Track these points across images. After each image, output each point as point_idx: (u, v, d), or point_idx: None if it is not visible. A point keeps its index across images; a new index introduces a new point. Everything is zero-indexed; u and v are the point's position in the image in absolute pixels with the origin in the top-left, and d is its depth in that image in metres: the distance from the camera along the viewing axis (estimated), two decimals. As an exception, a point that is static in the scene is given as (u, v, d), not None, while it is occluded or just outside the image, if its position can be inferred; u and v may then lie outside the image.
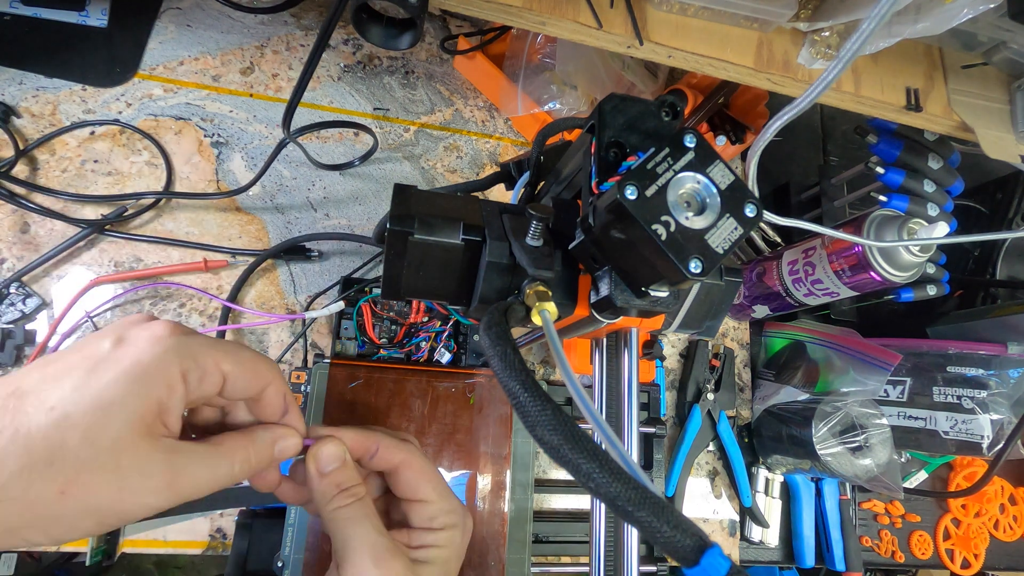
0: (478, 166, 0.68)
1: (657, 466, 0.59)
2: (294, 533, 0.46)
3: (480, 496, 0.52)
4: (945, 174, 0.62)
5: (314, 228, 0.60)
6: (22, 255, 0.52)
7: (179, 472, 0.26)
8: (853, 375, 0.63)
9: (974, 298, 0.75)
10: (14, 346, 0.50)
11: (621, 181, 0.24)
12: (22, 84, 0.56)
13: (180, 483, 0.25)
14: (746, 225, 0.25)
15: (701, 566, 0.19)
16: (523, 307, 0.28)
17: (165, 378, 0.25)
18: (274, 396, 0.31)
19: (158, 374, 0.25)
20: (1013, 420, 0.59)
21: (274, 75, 0.63)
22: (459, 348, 0.57)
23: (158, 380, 0.25)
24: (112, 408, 0.23)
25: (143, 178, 0.57)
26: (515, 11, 0.42)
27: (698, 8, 0.44)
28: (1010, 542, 0.73)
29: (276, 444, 0.31)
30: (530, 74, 0.66)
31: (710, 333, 0.39)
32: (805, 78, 0.47)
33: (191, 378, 0.26)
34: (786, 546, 0.66)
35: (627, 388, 0.33)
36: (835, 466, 0.58)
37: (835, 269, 0.56)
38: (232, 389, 0.29)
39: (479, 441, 0.53)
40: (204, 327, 0.55)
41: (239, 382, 0.29)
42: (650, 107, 0.29)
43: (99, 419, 0.23)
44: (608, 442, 0.21)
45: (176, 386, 0.25)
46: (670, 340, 0.68)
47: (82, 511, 0.23)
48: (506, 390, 0.22)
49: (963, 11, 0.39)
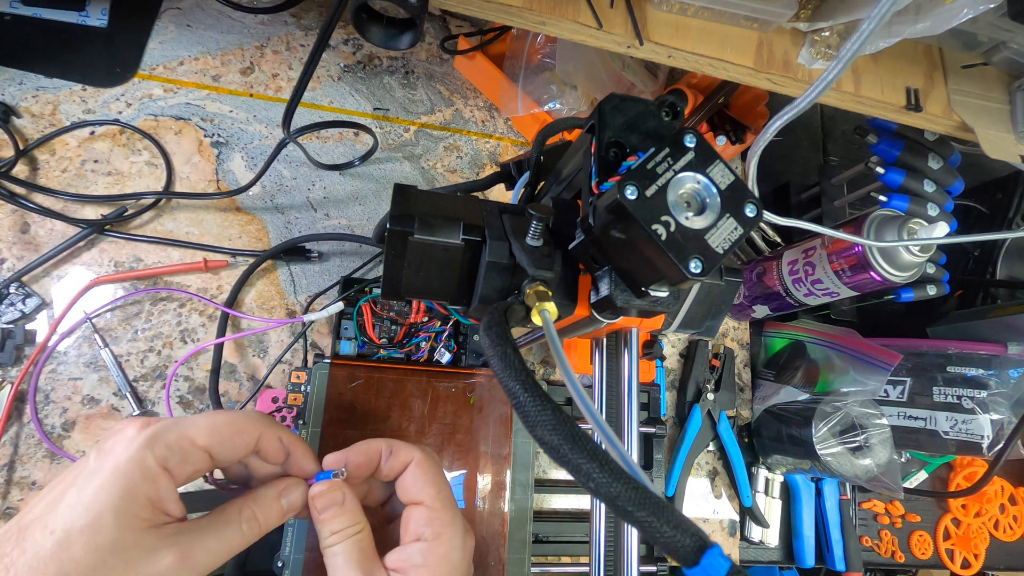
0: (478, 166, 0.68)
1: (657, 466, 0.59)
2: (294, 533, 0.46)
3: (480, 496, 0.52)
4: (945, 174, 0.62)
5: (314, 228, 0.60)
6: (22, 255, 0.52)
7: (189, 548, 0.27)
8: (853, 375, 0.63)
9: (974, 298, 0.75)
10: (14, 346, 0.50)
11: (621, 181, 0.24)
12: (22, 84, 0.56)
13: (194, 557, 0.27)
14: (746, 225, 0.25)
15: (701, 566, 0.19)
16: (523, 307, 0.28)
17: (144, 473, 0.27)
18: (270, 444, 0.32)
19: (136, 471, 0.26)
20: (1013, 420, 0.59)
21: (274, 75, 0.63)
22: (459, 348, 0.57)
23: (137, 477, 0.26)
24: (104, 515, 0.25)
25: (143, 178, 0.57)
26: (515, 11, 0.42)
27: (698, 8, 0.44)
28: (1010, 542, 0.73)
29: (281, 499, 0.32)
30: (530, 74, 0.66)
31: (710, 333, 0.39)
32: (805, 78, 0.47)
33: (171, 464, 0.28)
34: (786, 546, 0.66)
35: (627, 388, 0.33)
36: (835, 466, 0.58)
37: (835, 269, 0.56)
38: (222, 456, 0.30)
39: (479, 441, 0.53)
40: (204, 327, 0.55)
41: (224, 449, 0.30)
42: (650, 107, 0.29)
43: (96, 528, 0.25)
44: (608, 442, 0.21)
45: (158, 477, 0.27)
46: (670, 340, 0.68)
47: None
48: (506, 390, 0.22)
49: (963, 11, 0.39)
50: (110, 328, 0.53)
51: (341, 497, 0.33)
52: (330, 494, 0.33)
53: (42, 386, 0.50)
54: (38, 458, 0.49)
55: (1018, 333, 0.62)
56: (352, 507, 0.33)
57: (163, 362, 0.53)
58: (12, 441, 0.49)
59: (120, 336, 0.53)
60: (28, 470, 0.48)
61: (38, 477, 0.49)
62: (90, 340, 0.52)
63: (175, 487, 0.28)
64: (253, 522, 0.30)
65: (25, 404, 0.49)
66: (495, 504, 0.52)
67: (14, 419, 0.49)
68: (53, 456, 0.49)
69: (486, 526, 0.51)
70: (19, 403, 0.49)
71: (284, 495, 0.32)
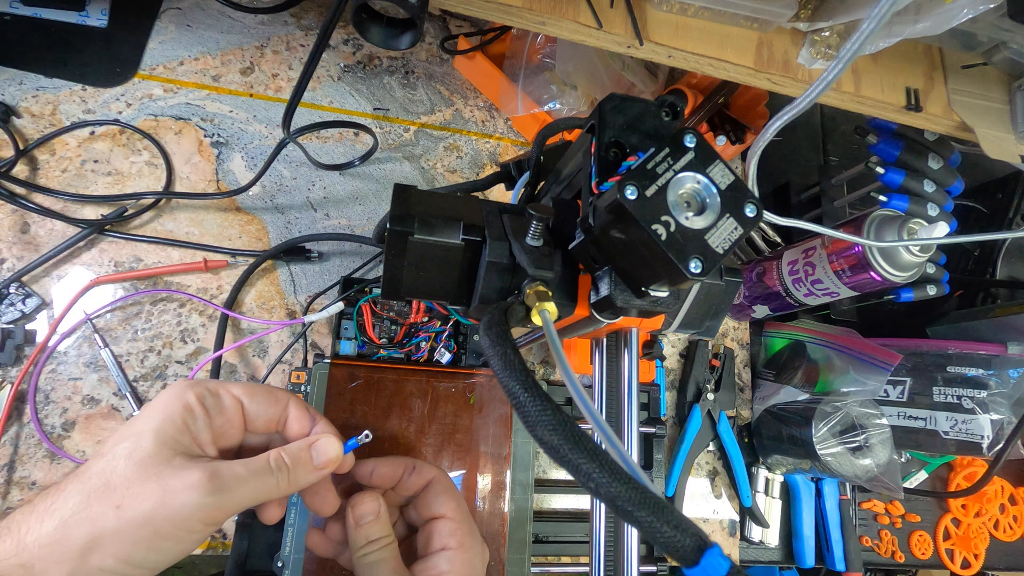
0: (478, 166, 0.68)
1: (657, 466, 0.59)
2: (294, 533, 0.46)
3: (480, 496, 0.52)
4: (945, 174, 0.62)
5: (314, 228, 0.60)
6: (22, 255, 0.52)
7: (217, 471, 0.29)
8: (853, 375, 0.63)
9: (974, 298, 0.75)
10: (14, 346, 0.50)
11: (621, 181, 0.24)
12: (22, 84, 0.56)
13: (221, 479, 0.28)
14: (746, 225, 0.25)
15: (701, 566, 0.19)
16: (523, 307, 0.28)
17: (182, 402, 0.30)
18: (298, 411, 0.34)
19: (176, 403, 0.30)
20: (1013, 420, 0.59)
21: (274, 75, 0.63)
22: (459, 348, 0.57)
23: (176, 405, 0.30)
24: (144, 435, 0.28)
25: (143, 178, 0.57)
26: (515, 11, 0.42)
27: (698, 8, 0.44)
28: (1010, 542, 0.73)
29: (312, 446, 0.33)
30: (530, 74, 0.66)
31: (710, 333, 0.39)
32: (805, 78, 0.47)
33: (208, 403, 0.31)
34: (786, 546, 0.66)
35: (627, 388, 0.33)
36: (835, 466, 0.58)
37: (835, 269, 0.56)
38: (254, 413, 0.33)
39: (479, 441, 0.53)
40: (204, 327, 0.55)
41: (257, 405, 0.33)
42: (650, 107, 0.29)
43: (136, 445, 0.28)
44: (608, 442, 0.21)
45: (194, 408, 0.30)
46: (670, 340, 0.68)
47: (138, 520, 0.26)
48: (506, 390, 0.22)
49: (963, 11, 0.39)
50: (110, 328, 0.53)
51: (378, 507, 0.35)
52: (370, 503, 0.35)
53: (42, 386, 0.50)
54: (38, 458, 0.49)
55: (1018, 333, 0.62)
56: (386, 518, 0.35)
57: (163, 362, 0.53)
58: (12, 441, 0.49)
59: (120, 336, 0.53)
60: (28, 470, 0.48)
61: (38, 477, 0.49)
62: (90, 340, 0.52)
63: (211, 428, 0.31)
64: (283, 467, 0.31)
65: (25, 404, 0.49)
66: (495, 504, 0.52)
67: (14, 419, 0.49)
68: (53, 456, 0.49)
69: (486, 526, 0.51)
70: (19, 403, 0.49)
71: (314, 447, 0.33)
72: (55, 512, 0.26)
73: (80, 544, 0.25)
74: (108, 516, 0.26)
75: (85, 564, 0.25)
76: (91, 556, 0.25)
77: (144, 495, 0.27)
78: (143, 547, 0.26)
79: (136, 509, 0.26)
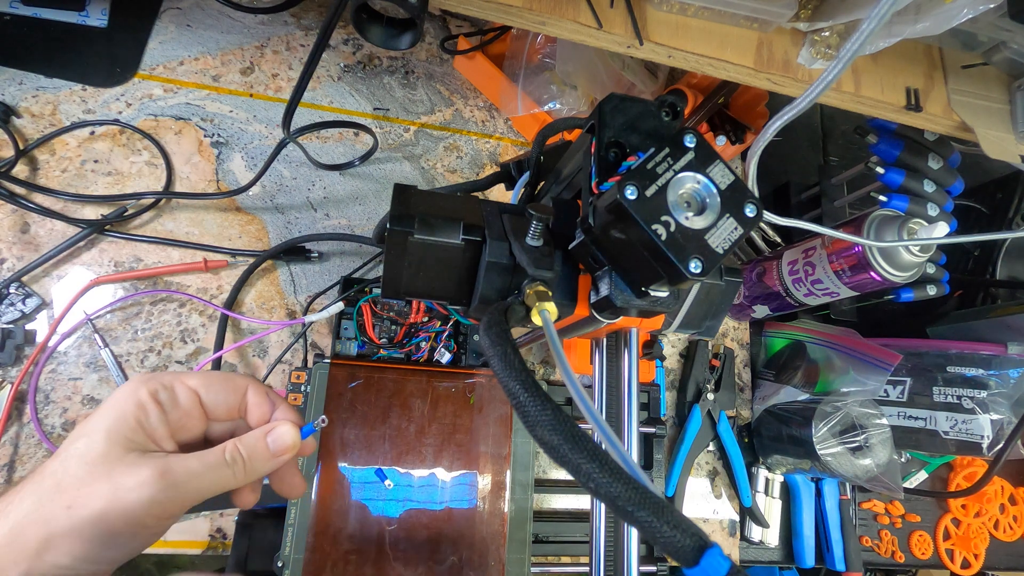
0: (478, 166, 0.68)
1: (657, 466, 0.59)
2: (294, 533, 0.46)
3: (480, 496, 0.52)
4: (945, 174, 0.62)
5: (314, 228, 0.60)
6: (22, 255, 0.52)
7: (168, 467, 0.28)
8: (853, 375, 0.63)
9: (974, 298, 0.75)
10: (14, 346, 0.50)
11: (621, 181, 0.24)
12: (22, 84, 0.56)
13: (172, 474, 0.28)
14: (746, 225, 0.25)
15: (701, 566, 0.19)
16: (523, 307, 0.28)
17: (135, 399, 0.29)
18: (257, 397, 0.34)
19: (128, 398, 0.29)
20: (1013, 420, 0.59)
21: (274, 75, 0.63)
22: (459, 348, 0.57)
23: (130, 405, 0.29)
24: (96, 434, 0.28)
25: (143, 178, 0.57)
26: (515, 11, 0.42)
27: (698, 8, 0.44)
28: (1010, 542, 0.73)
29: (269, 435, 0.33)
30: (530, 74, 0.66)
31: (710, 333, 0.39)
32: (805, 78, 0.47)
33: (162, 397, 0.30)
34: (786, 546, 0.66)
35: (627, 388, 0.33)
36: (835, 466, 0.58)
37: (835, 269, 0.56)
38: (212, 403, 0.32)
39: (479, 441, 0.53)
40: (204, 327, 0.55)
41: (214, 395, 0.32)
42: (650, 107, 0.29)
43: (88, 445, 0.28)
44: (608, 442, 0.21)
45: (148, 405, 0.30)
46: (670, 340, 0.68)
47: (89, 519, 0.26)
48: (506, 390, 0.22)
49: (963, 11, 0.39)
50: (110, 328, 0.53)
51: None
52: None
53: (42, 386, 0.50)
54: (38, 458, 0.49)
55: (1018, 333, 0.62)
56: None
57: (163, 362, 0.53)
58: (12, 441, 0.49)
59: (120, 336, 0.53)
60: (28, 470, 0.48)
61: (38, 477, 0.49)
62: (90, 340, 0.52)
63: (167, 422, 0.30)
64: (237, 459, 0.31)
65: (25, 404, 0.49)
66: (495, 504, 0.52)
67: (14, 419, 0.49)
68: (53, 456, 0.49)
69: (486, 526, 0.51)
70: (19, 403, 0.49)
71: (271, 436, 0.33)
72: (10, 514, 0.27)
73: (35, 544, 0.26)
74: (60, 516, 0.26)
75: (41, 562, 0.26)
76: (46, 555, 0.26)
77: (94, 495, 0.27)
78: (97, 544, 0.27)
79: (87, 508, 0.27)
